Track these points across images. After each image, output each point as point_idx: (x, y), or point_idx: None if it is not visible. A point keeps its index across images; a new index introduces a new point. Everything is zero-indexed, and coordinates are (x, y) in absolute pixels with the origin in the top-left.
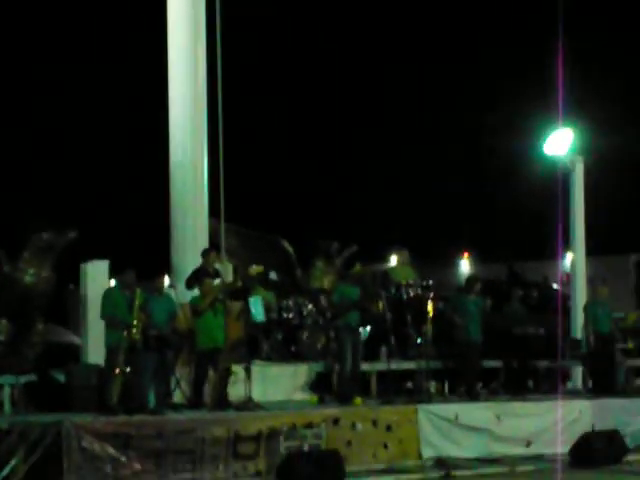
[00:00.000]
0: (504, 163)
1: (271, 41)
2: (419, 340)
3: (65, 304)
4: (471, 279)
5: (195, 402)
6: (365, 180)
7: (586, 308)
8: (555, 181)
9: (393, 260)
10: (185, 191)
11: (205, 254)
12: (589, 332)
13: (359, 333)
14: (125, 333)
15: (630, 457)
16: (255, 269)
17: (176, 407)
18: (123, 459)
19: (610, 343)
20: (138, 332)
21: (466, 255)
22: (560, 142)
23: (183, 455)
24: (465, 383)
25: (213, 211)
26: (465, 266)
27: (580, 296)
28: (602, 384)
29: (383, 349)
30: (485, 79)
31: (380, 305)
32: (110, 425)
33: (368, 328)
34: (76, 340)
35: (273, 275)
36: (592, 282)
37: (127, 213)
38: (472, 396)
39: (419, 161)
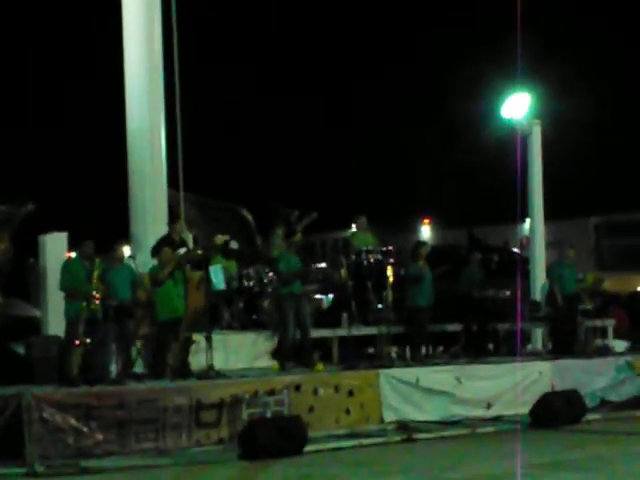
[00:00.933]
0: (463, 128)
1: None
2: (379, 306)
3: (25, 278)
4: (416, 245)
5: (157, 372)
6: (325, 147)
7: (551, 268)
8: (514, 145)
9: (353, 227)
10: (143, 160)
11: (171, 223)
12: (556, 292)
13: (303, 300)
14: (84, 304)
15: (589, 416)
16: (220, 238)
17: (137, 377)
18: (85, 430)
19: (574, 303)
20: (97, 303)
21: (426, 221)
22: (517, 105)
23: (145, 424)
24: (411, 347)
25: (172, 181)
26: (426, 232)
27: (539, 259)
28: (563, 344)
29: (344, 315)
30: (444, 43)
31: (342, 272)
32: (71, 396)
33: (330, 296)
34: (37, 314)
35: (234, 244)
36: (559, 245)
37: (84, 184)
38: (416, 360)
39: (379, 127)
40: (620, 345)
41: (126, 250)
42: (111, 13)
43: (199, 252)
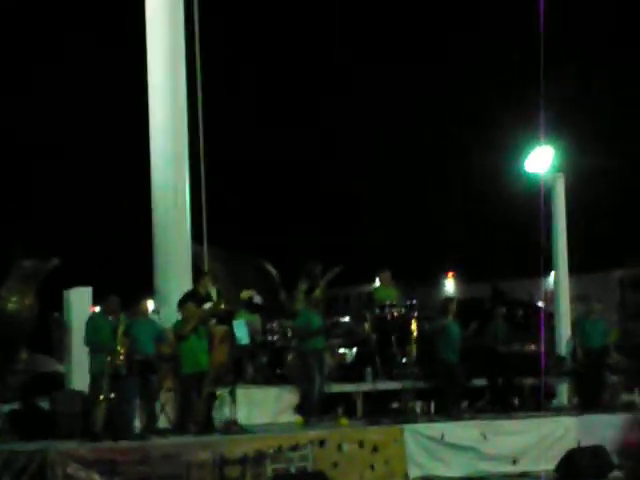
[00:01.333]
0: (487, 181)
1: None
2: (403, 360)
3: (49, 332)
4: (445, 301)
5: (180, 427)
6: (350, 202)
7: (577, 323)
8: (537, 199)
9: (377, 281)
10: (167, 215)
11: (197, 278)
12: (577, 346)
13: (324, 355)
14: (109, 359)
15: (617, 473)
16: (246, 293)
17: (161, 432)
18: None
19: (601, 358)
20: (121, 358)
21: (450, 275)
22: (541, 159)
23: None
24: (444, 403)
25: (196, 235)
26: (450, 286)
27: (564, 313)
28: (588, 400)
29: (368, 370)
30: (468, 96)
31: (366, 326)
32: (95, 452)
33: (354, 350)
34: (60, 368)
35: (257, 299)
36: (585, 299)
37: (109, 238)
38: (452, 415)
39: (404, 182)
40: None
41: (150, 304)
42: (136, 72)
43: (223, 307)
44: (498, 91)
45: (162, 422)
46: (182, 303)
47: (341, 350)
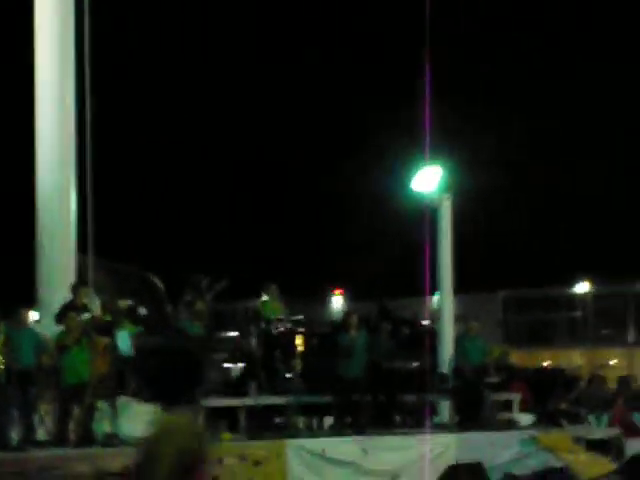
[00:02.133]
0: (373, 200)
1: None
2: (288, 375)
3: None
4: (345, 316)
5: (59, 438)
6: (238, 215)
7: (457, 341)
8: (423, 218)
9: (264, 296)
10: (53, 224)
11: (75, 288)
12: (461, 364)
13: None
14: None
15: None
16: (124, 303)
17: (40, 444)
18: None
19: (480, 376)
20: (0, 367)
21: (338, 292)
22: (428, 179)
23: None
24: (336, 417)
25: (81, 245)
26: (337, 303)
27: (447, 332)
28: (468, 417)
29: (252, 384)
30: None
31: (252, 341)
32: None
33: (240, 365)
34: None
35: (143, 310)
36: (464, 318)
37: None
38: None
39: (292, 196)
40: (525, 419)
41: (33, 315)
42: (24, 68)
43: (106, 318)
44: (386, 108)
45: (41, 434)
46: (60, 314)
47: (226, 365)
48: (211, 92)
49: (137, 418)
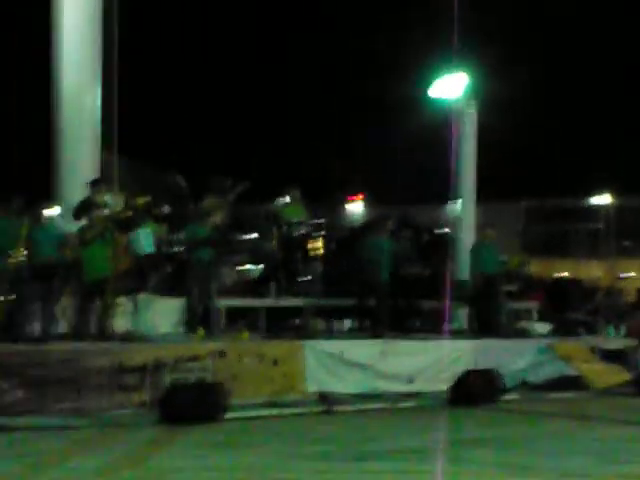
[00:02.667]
0: (396, 105)
1: None
2: (308, 277)
3: None
4: (382, 219)
5: (81, 332)
6: (259, 120)
7: (473, 250)
8: (448, 124)
9: (286, 199)
10: (76, 119)
11: (93, 185)
12: (474, 273)
13: (211, 268)
14: (9, 260)
15: (507, 396)
16: (142, 199)
17: (61, 337)
18: (5, 386)
19: (494, 284)
20: (23, 259)
21: (360, 197)
22: (453, 86)
23: (66, 384)
24: (372, 321)
25: (105, 142)
26: (358, 208)
27: (468, 240)
28: (485, 325)
29: (272, 286)
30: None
31: (272, 243)
32: None
33: (260, 266)
34: None
35: (166, 209)
36: (480, 226)
37: (11, 140)
38: (378, 335)
39: (311, 105)
40: (543, 327)
41: (56, 210)
42: None
43: (129, 214)
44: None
45: (62, 327)
46: (77, 211)
47: (247, 266)
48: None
49: (157, 314)
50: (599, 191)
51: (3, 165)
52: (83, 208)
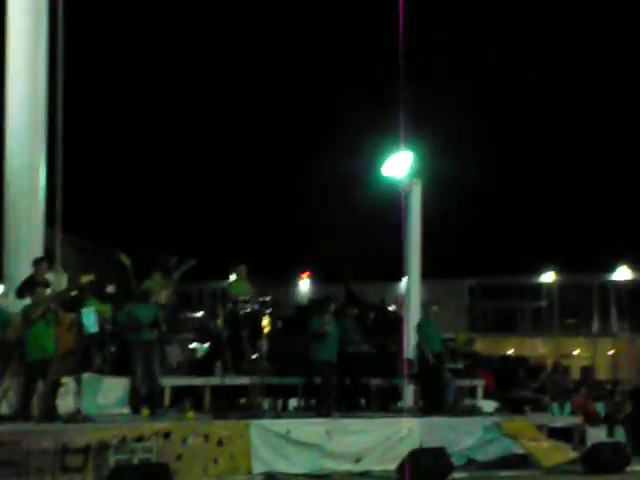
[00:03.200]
0: (344, 184)
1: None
2: (254, 356)
3: None
4: (325, 300)
5: (23, 413)
6: (205, 196)
7: (419, 327)
8: (394, 203)
9: (232, 276)
10: (21, 198)
11: (36, 263)
12: (426, 350)
13: (154, 348)
14: None
15: (456, 475)
16: (86, 277)
17: (3, 418)
18: None
19: (440, 362)
20: None
21: (306, 275)
22: (399, 164)
23: (8, 467)
24: (318, 401)
25: (49, 220)
26: (304, 285)
27: (414, 317)
28: (431, 402)
29: (218, 364)
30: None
31: (218, 321)
32: None
33: (206, 345)
34: None
35: (110, 288)
36: (425, 304)
37: None
38: (322, 414)
39: (262, 179)
40: (489, 405)
41: (0, 288)
42: None
43: (72, 293)
44: (360, 95)
45: (4, 408)
46: (20, 289)
47: (193, 345)
48: (180, 67)
49: (102, 394)
50: (543, 269)
51: None
52: (26, 286)
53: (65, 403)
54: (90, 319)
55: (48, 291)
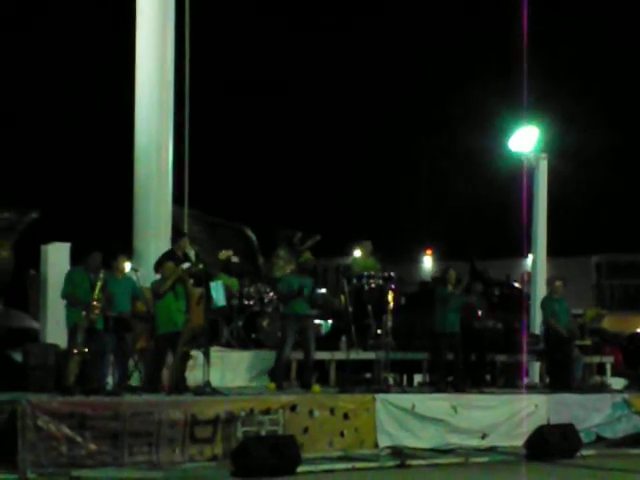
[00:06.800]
0: (469, 160)
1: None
2: (379, 331)
3: (25, 289)
4: (445, 270)
5: (153, 385)
6: (332, 175)
7: (543, 303)
8: (520, 179)
9: (357, 252)
10: (149, 176)
11: (177, 238)
12: (555, 325)
13: (308, 322)
14: (84, 313)
15: (584, 452)
16: (224, 253)
17: (134, 390)
18: (79, 439)
19: (568, 339)
20: (98, 313)
21: (429, 252)
22: (525, 139)
23: (139, 437)
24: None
25: (177, 197)
26: (428, 263)
27: (540, 295)
28: (559, 379)
29: (343, 339)
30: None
31: (342, 298)
32: (66, 405)
33: (330, 322)
34: (36, 325)
35: (235, 259)
36: (549, 280)
37: (89, 195)
38: (440, 389)
39: (385, 158)
40: (618, 382)
41: (129, 265)
42: (125, 28)
43: (201, 267)
44: (484, 70)
45: (135, 380)
46: (159, 263)
47: (316, 321)
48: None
49: (229, 368)
50: None
51: (83, 220)
52: (164, 260)
53: (194, 375)
54: (219, 293)
55: (186, 265)
